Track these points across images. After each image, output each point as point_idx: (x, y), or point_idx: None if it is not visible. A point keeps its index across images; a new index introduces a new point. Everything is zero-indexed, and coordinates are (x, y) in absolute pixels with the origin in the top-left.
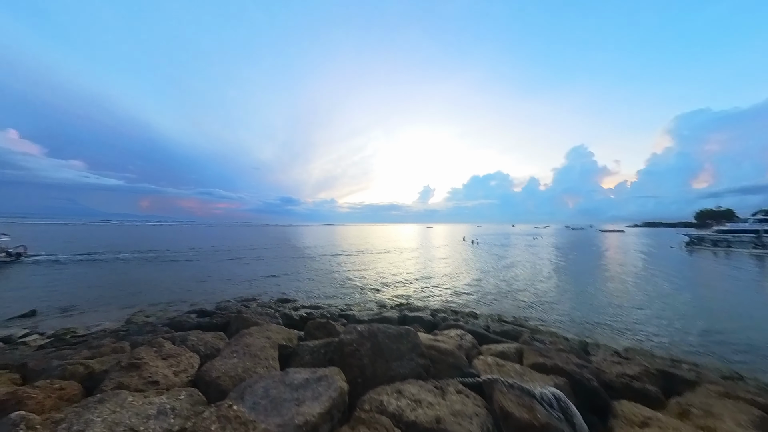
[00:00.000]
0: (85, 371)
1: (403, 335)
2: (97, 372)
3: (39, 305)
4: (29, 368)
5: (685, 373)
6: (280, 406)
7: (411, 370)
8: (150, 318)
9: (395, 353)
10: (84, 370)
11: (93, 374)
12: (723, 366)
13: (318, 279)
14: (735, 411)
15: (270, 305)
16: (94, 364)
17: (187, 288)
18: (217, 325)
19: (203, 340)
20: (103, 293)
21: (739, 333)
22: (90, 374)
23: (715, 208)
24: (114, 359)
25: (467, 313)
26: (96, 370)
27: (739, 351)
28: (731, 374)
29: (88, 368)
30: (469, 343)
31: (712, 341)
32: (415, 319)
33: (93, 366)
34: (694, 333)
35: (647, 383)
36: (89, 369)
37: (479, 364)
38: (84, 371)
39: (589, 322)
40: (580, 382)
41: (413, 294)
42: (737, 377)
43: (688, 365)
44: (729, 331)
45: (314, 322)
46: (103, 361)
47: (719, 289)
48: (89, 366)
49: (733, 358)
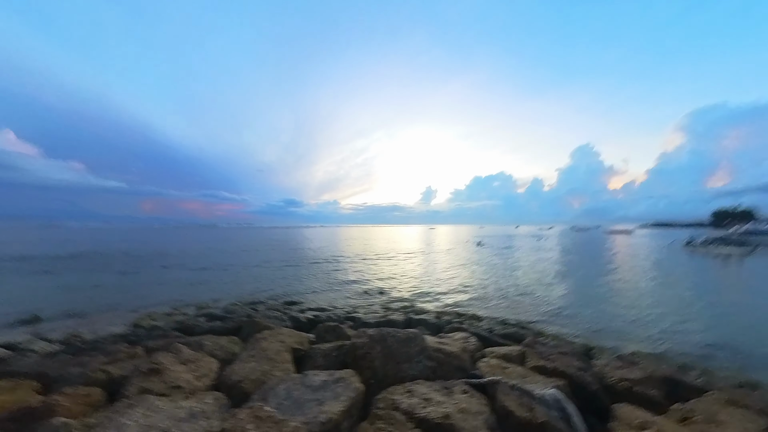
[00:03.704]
0: (106, 377)
1: (411, 339)
2: (117, 377)
3: (41, 309)
4: (49, 376)
5: (692, 379)
6: (303, 406)
7: (420, 371)
8: (157, 321)
9: (404, 356)
10: (105, 375)
11: (113, 379)
12: (736, 374)
13: (322, 282)
14: (741, 419)
15: (277, 308)
16: (113, 370)
17: (192, 291)
18: (229, 329)
19: (219, 344)
20: (105, 296)
21: (755, 341)
22: (110, 380)
23: (733, 208)
24: (132, 365)
25: (471, 316)
26: (115, 375)
27: (754, 358)
28: (744, 383)
29: (108, 374)
30: (474, 346)
31: (725, 348)
32: (420, 321)
33: (112, 371)
34: (705, 339)
35: (650, 388)
36: (109, 374)
37: (483, 366)
38: (105, 377)
39: (594, 326)
40: (580, 385)
41: (417, 296)
42: (750, 386)
43: (697, 372)
44: (744, 339)
45: (324, 326)
46: (120, 366)
47: (737, 295)
48: (109, 372)
49: (748, 366)
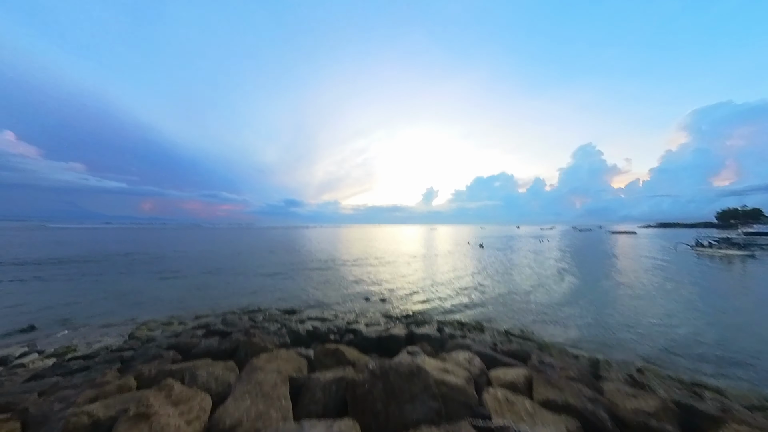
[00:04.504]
0: (89, 421)
1: (414, 374)
2: (103, 420)
3: (38, 318)
4: (30, 414)
5: (708, 405)
6: None
7: (424, 414)
8: (154, 332)
9: (407, 395)
10: (88, 419)
11: (98, 424)
12: (749, 393)
13: (322, 288)
14: None
15: (276, 318)
16: (99, 410)
17: (189, 297)
18: (226, 351)
19: (213, 374)
20: (103, 304)
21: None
22: (94, 424)
23: (740, 207)
24: (120, 402)
25: (473, 326)
26: (101, 418)
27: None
28: (761, 403)
29: (91, 417)
30: (478, 369)
31: (737, 362)
32: (422, 336)
33: (97, 414)
34: (716, 351)
35: (666, 422)
36: (93, 418)
37: (489, 399)
38: (88, 421)
39: (600, 335)
40: (593, 424)
41: (418, 304)
42: (765, 408)
43: (712, 392)
44: (756, 350)
45: (323, 349)
46: (108, 404)
47: (747, 302)
48: (93, 414)
49: (761, 380)
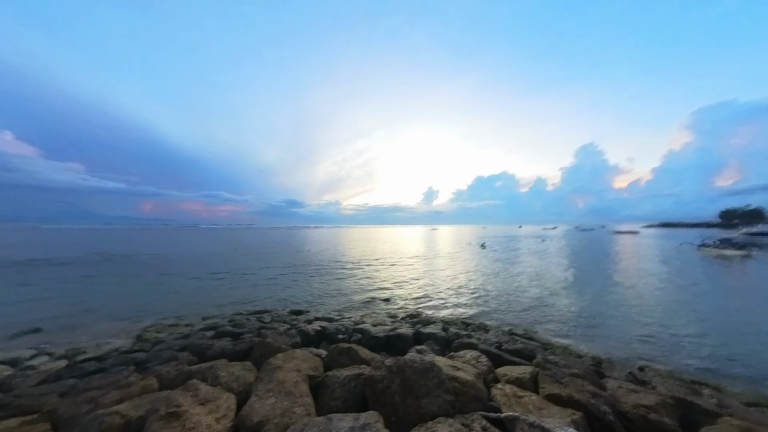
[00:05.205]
0: (122, 421)
1: (429, 370)
2: (135, 420)
3: (44, 319)
4: (59, 416)
5: (706, 401)
6: None
7: (439, 407)
8: (162, 334)
9: (423, 389)
10: (121, 419)
11: (131, 423)
12: (748, 390)
13: (326, 288)
14: None
15: (284, 318)
16: (130, 411)
17: (193, 298)
18: (240, 352)
19: (234, 374)
20: (107, 305)
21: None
22: (128, 423)
23: (742, 208)
24: (147, 402)
25: (478, 326)
26: (133, 418)
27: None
28: (759, 400)
29: (124, 417)
30: (485, 367)
31: (738, 360)
32: (429, 335)
33: (129, 414)
34: (718, 351)
35: (664, 415)
36: (126, 418)
37: (498, 394)
38: (121, 421)
39: (603, 335)
40: (596, 417)
41: (422, 304)
42: (762, 405)
43: (710, 390)
44: (757, 350)
45: (337, 348)
46: (136, 405)
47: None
48: (125, 414)
49: (759, 378)
